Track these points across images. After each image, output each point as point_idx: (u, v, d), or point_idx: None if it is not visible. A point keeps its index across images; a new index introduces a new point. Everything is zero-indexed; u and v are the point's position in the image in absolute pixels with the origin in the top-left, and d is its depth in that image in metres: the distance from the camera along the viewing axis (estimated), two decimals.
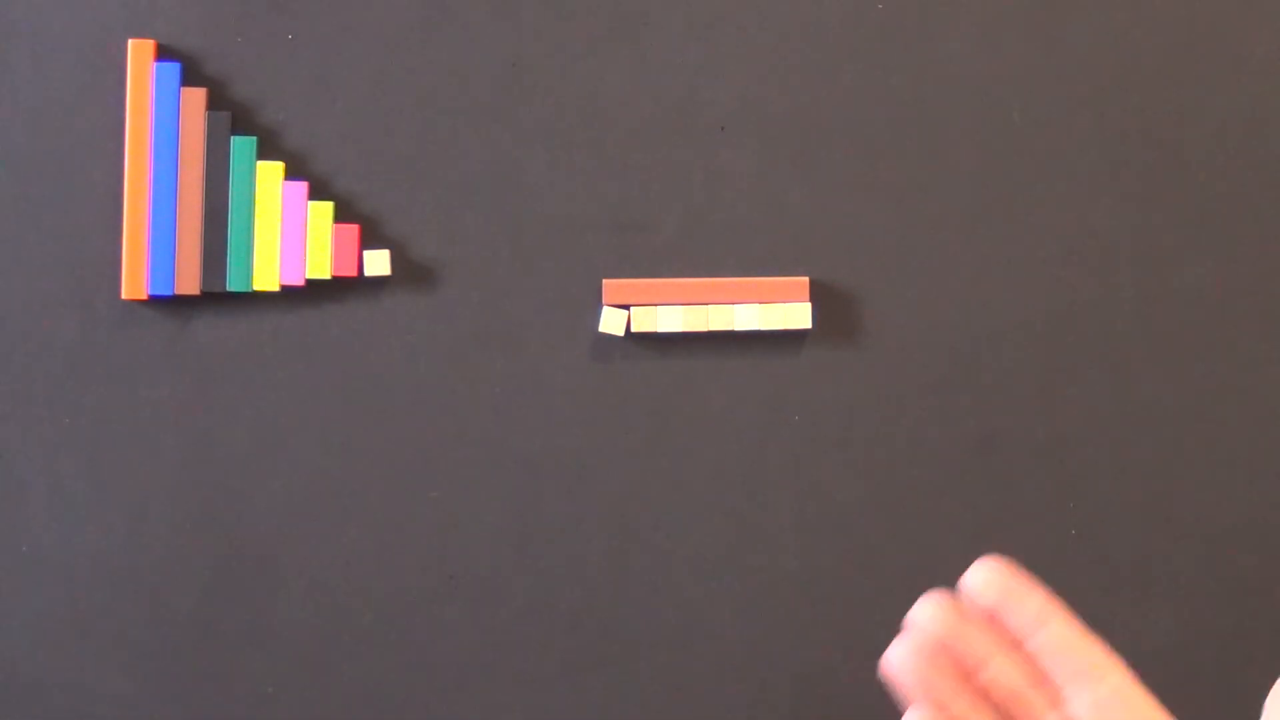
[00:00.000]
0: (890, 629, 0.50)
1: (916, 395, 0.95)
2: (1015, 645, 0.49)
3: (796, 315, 0.94)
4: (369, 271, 0.94)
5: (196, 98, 0.93)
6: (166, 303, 0.93)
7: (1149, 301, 0.96)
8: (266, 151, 0.94)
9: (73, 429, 0.93)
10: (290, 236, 0.93)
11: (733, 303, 0.94)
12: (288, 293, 0.94)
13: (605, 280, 0.94)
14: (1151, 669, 0.52)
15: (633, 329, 0.94)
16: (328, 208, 0.93)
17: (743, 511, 0.95)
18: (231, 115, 0.93)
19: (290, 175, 0.94)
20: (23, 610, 0.93)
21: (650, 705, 0.94)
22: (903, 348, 0.95)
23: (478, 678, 0.94)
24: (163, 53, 0.94)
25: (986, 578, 0.49)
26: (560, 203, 0.95)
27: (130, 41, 0.93)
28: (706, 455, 0.95)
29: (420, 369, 0.94)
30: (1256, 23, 0.97)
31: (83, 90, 0.93)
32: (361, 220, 0.94)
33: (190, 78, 0.93)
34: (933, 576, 0.78)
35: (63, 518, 0.93)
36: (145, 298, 0.93)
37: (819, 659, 0.94)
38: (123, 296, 0.93)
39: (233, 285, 0.93)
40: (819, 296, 0.95)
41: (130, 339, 0.93)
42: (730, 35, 0.95)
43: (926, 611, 0.49)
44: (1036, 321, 0.96)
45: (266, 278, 0.93)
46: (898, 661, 0.49)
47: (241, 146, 0.93)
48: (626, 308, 0.94)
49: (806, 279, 0.95)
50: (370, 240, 0.94)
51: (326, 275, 0.93)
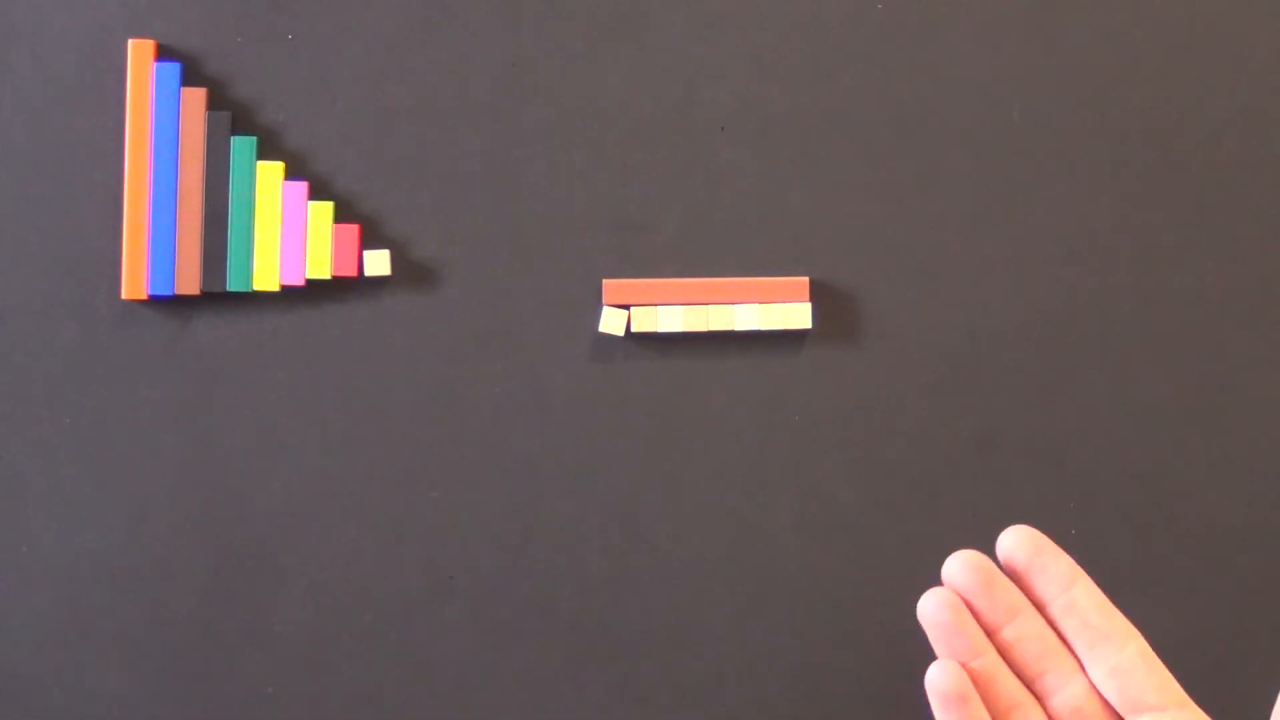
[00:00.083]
0: (890, 629, 0.50)
1: (916, 395, 0.95)
2: (1040, 608, 0.51)
3: (796, 315, 0.94)
4: (369, 271, 0.94)
5: (196, 98, 0.93)
6: (166, 303, 0.93)
7: (1149, 301, 0.96)
8: (266, 151, 0.94)
9: (73, 429, 0.93)
10: (290, 236, 0.93)
11: (733, 303, 0.94)
12: (288, 293, 0.94)
13: (605, 280, 0.94)
14: None
15: (633, 329, 0.94)
16: (328, 208, 0.93)
17: (743, 512, 0.95)
18: (231, 115, 0.93)
19: (290, 175, 0.94)
20: (23, 610, 0.93)
21: (650, 705, 0.94)
22: (903, 348, 0.95)
23: (478, 678, 0.94)
24: (163, 53, 0.94)
25: (1018, 537, 0.51)
26: (560, 203, 0.95)
27: (130, 41, 0.93)
28: (706, 455, 0.95)
29: (420, 369, 0.94)
30: (1256, 23, 0.97)
31: (83, 90, 0.93)
32: (361, 220, 0.94)
33: (190, 78, 0.94)
34: (933, 576, 0.78)
35: (63, 518, 0.93)
36: (145, 298, 0.93)
37: (819, 659, 0.94)
38: (123, 296, 0.93)
39: (233, 285, 0.93)
40: (819, 296, 0.95)
41: (130, 339, 0.93)
42: (730, 35, 0.95)
43: (958, 565, 0.50)
44: (1036, 321, 0.96)
45: (266, 278, 0.93)
46: (928, 612, 0.51)
47: (241, 146, 0.93)
48: (626, 308, 0.94)
49: (806, 279, 0.95)
50: (370, 240, 0.94)
51: (326, 275, 0.93)
